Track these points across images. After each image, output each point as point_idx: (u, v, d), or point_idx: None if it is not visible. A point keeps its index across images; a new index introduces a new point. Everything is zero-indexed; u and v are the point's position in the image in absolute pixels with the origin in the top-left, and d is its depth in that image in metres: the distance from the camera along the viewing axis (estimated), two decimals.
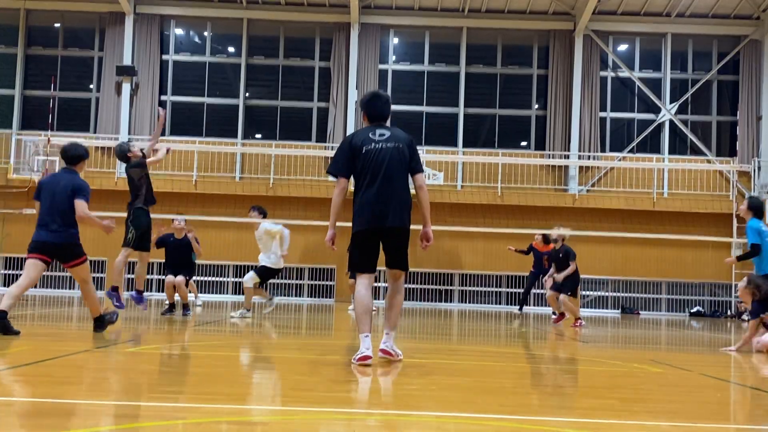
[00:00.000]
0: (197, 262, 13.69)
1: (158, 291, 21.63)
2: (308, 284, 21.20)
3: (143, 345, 7.02)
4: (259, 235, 12.24)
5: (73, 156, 7.85)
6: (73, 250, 7.76)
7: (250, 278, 12.03)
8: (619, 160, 21.62)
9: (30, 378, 4.71)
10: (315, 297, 20.83)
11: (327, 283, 21.02)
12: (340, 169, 6.12)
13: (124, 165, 10.72)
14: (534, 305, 20.41)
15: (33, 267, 7.54)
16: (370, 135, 6.16)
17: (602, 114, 22.12)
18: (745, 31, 22.12)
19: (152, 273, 21.76)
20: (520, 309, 18.30)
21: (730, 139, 22.44)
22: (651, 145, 22.24)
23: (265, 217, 12.43)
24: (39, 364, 5.32)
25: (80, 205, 7.55)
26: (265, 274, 12.13)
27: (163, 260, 13.37)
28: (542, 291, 15.79)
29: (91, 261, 23.14)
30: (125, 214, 10.38)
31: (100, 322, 8.05)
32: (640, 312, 21.14)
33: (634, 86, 22.37)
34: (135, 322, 10.56)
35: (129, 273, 21.21)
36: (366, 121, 6.38)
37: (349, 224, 6.30)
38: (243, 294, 12.48)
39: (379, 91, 6.57)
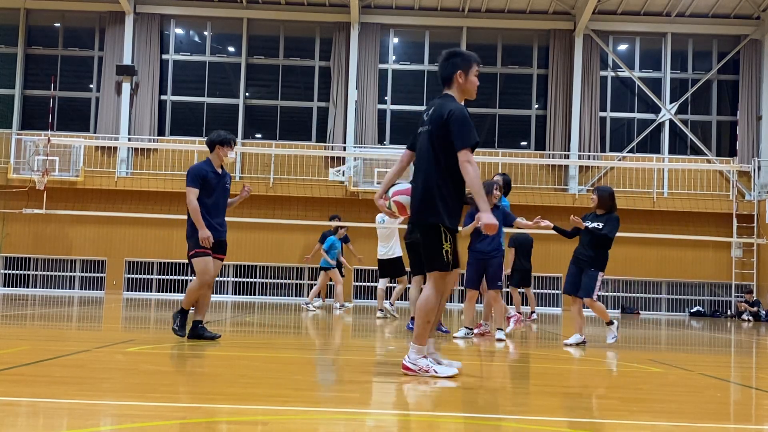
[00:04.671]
0: None
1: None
2: (308, 284, 21.18)
3: (143, 345, 7.02)
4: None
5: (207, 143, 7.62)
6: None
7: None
8: (619, 160, 21.62)
9: (30, 378, 4.71)
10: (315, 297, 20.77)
11: (327, 283, 20.95)
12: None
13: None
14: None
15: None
16: (424, 116, 5.46)
17: (602, 114, 22.12)
18: (745, 31, 22.12)
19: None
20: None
21: (730, 139, 22.44)
22: (651, 145, 22.24)
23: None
24: (39, 364, 5.32)
25: (186, 191, 7.40)
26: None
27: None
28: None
29: (91, 261, 22.96)
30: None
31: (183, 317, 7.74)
32: (640, 312, 21.13)
33: (634, 86, 22.37)
34: (135, 321, 10.56)
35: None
36: None
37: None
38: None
39: (447, 50, 5.62)
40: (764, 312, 19.72)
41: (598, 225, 8.42)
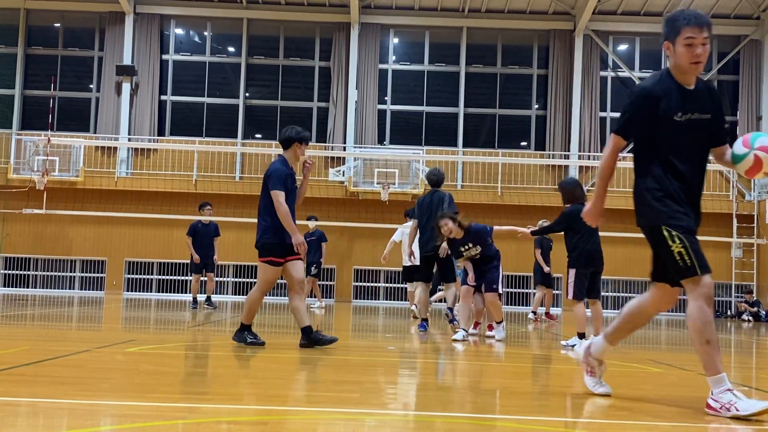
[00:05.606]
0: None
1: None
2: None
3: (143, 345, 7.02)
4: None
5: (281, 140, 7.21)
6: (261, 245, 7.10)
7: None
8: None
9: (30, 378, 4.71)
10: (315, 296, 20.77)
11: (327, 282, 20.97)
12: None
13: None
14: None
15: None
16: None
17: (602, 114, 22.12)
18: (745, 31, 22.13)
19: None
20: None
21: (730, 139, 22.41)
22: None
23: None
24: (39, 364, 5.32)
25: (273, 195, 6.96)
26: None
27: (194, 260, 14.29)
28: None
29: (91, 261, 22.88)
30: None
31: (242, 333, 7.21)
32: None
33: (634, 86, 22.34)
34: (135, 322, 10.56)
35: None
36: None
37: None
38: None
39: None
40: (764, 312, 19.71)
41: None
